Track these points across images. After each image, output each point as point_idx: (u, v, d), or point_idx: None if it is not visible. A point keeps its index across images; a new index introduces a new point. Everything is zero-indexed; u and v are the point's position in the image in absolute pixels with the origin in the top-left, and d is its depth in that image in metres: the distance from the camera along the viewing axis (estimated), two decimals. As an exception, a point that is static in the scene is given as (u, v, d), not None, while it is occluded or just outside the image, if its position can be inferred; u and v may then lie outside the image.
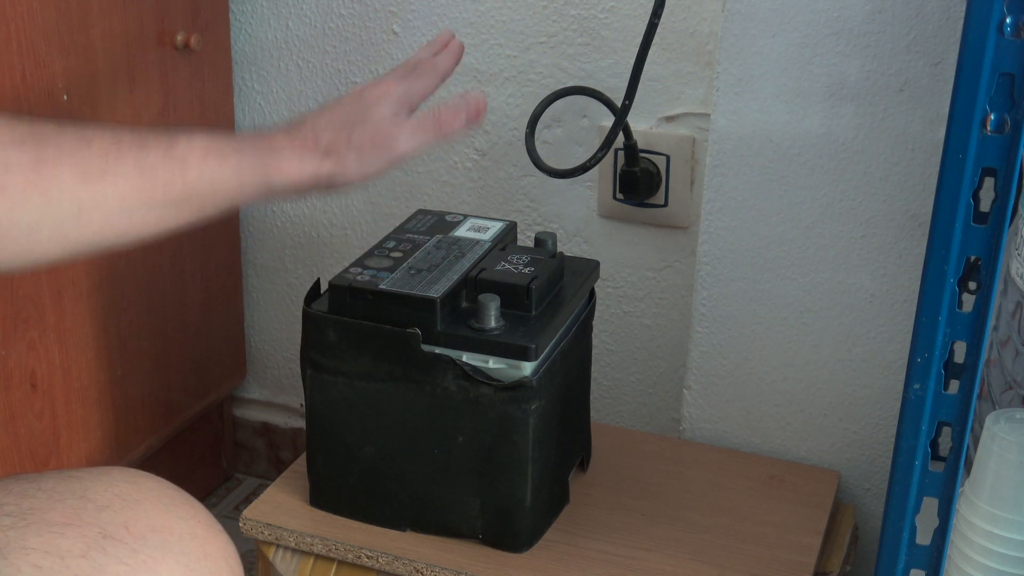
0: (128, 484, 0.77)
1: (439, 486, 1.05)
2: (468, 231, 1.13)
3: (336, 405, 1.05)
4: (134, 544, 0.73)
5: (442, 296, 1.01)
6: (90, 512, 0.73)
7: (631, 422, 1.45)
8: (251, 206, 1.57)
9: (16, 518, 0.71)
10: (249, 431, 1.68)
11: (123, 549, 0.72)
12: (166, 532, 0.75)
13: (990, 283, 0.76)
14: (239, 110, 1.53)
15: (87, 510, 0.73)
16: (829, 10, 1.07)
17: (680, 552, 1.07)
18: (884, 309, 1.15)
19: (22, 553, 0.69)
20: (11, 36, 1.15)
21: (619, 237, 1.39)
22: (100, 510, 0.74)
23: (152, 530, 0.74)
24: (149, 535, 0.74)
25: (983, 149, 0.74)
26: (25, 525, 0.71)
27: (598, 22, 1.33)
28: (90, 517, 0.73)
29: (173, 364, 1.48)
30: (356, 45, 1.45)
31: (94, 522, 0.73)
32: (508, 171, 1.42)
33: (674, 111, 1.32)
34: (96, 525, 0.73)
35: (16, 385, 1.24)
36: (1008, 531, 0.82)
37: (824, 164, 1.12)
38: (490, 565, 1.04)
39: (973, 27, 0.71)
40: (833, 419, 1.21)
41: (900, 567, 0.85)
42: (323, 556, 1.08)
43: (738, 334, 1.21)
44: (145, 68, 1.34)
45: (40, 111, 1.20)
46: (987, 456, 0.83)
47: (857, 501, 1.22)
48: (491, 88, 1.39)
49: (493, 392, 1.00)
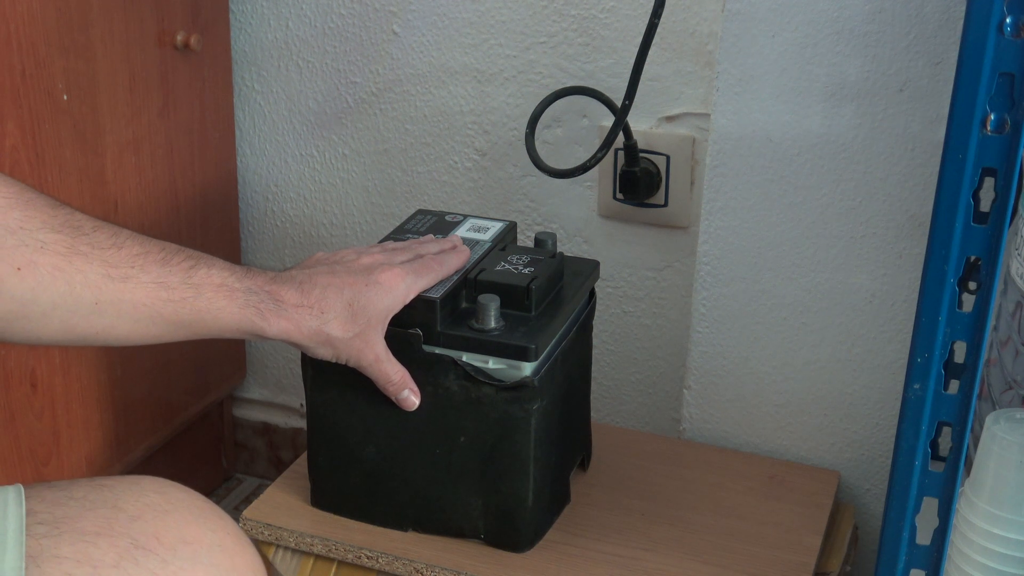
0: (158, 494, 0.77)
1: (440, 486, 1.05)
2: (468, 231, 1.13)
3: (337, 406, 1.05)
4: (165, 555, 0.73)
5: (442, 296, 1.01)
6: (122, 522, 0.73)
7: (631, 422, 1.45)
8: (250, 205, 1.57)
9: (49, 527, 0.71)
10: (249, 431, 1.68)
11: (154, 560, 0.72)
12: (196, 544, 0.75)
13: (990, 283, 0.76)
14: (239, 110, 1.53)
15: (119, 520, 0.73)
16: (829, 10, 1.07)
17: (680, 552, 1.07)
18: (884, 309, 1.15)
19: (55, 562, 0.69)
20: (11, 36, 1.15)
21: (619, 237, 1.39)
22: (132, 520, 0.74)
23: (182, 541, 0.75)
24: (179, 546, 0.74)
25: (983, 149, 0.74)
26: (58, 534, 0.71)
27: (598, 22, 1.33)
28: (121, 527, 0.73)
29: (173, 364, 1.48)
30: (356, 45, 1.45)
31: (125, 532, 0.73)
32: (508, 171, 1.42)
33: (674, 111, 1.32)
34: (128, 535, 0.73)
35: (16, 385, 1.24)
36: (1008, 531, 0.82)
37: (824, 164, 1.12)
38: (491, 565, 1.04)
39: (973, 27, 0.71)
40: (833, 419, 1.21)
41: (900, 567, 0.85)
42: (323, 556, 1.08)
43: (738, 334, 1.21)
44: (145, 68, 1.34)
45: (40, 111, 1.20)
46: (987, 456, 0.83)
47: (857, 501, 1.22)
48: (491, 88, 1.39)
49: (495, 392, 1.00)
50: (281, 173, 1.55)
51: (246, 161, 1.56)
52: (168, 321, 0.89)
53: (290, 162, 1.54)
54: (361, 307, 0.96)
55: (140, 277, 0.86)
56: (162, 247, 0.89)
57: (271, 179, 1.55)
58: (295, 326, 0.94)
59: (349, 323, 0.96)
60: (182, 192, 1.44)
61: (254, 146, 1.55)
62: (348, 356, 0.98)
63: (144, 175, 1.37)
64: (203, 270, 0.90)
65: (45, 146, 1.22)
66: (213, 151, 1.49)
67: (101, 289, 0.84)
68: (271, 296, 0.93)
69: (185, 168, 1.44)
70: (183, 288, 0.89)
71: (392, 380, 1.00)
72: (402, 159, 1.47)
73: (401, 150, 1.47)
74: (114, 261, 0.85)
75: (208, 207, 1.49)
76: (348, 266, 0.99)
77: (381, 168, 1.49)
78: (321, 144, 1.51)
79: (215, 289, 0.90)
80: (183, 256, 0.90)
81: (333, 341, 0.96)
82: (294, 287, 0.95)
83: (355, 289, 0.96)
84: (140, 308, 0.87)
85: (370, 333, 0.97)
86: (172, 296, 0.88)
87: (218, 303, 0.90)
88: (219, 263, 0.92)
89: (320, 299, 0.95)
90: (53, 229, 0.83)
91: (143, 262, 0.87)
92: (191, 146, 1.44)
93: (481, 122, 1.41)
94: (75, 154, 1.26)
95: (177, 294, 0.88)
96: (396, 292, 0.98)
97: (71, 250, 0.83)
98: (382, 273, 0.98)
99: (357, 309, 0.96)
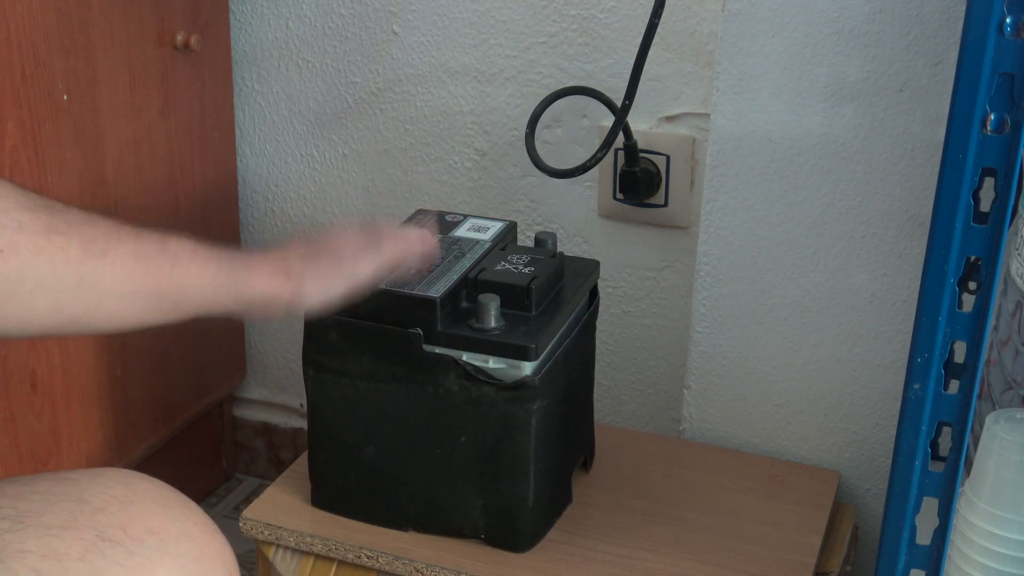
0: (123, 486, 0.77)
1: (441, 486, 1.05)
2: (468, 231, 1.13)
3: (338, 405, 1.05)
4: (131, 546, 0.73)
5: (442, 296, 1.01)
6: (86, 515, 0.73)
7: (631, 422, 1.45)
8: (250, 205, 1.57)
9: (12, 521, 0.71)
10: (249, 431, 1.68)
11: (120, 551, 0.72)
12: (162, 534, 0.75)
13: (990, 283, 0.76)
14: (239, 110, 1.53)
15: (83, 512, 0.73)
16: (829, 10, 1.07)
17: (680, 552, 1.07)
18: (884, 309, 1.15)
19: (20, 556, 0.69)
20: (11, 36, 1.15)
21: (619, 237, 1.39)
22: (96, 512, 0.74)
23: (149, 532, 0.75)
24: (146, 537, 0.74)
25: (983, 149, 0.74)
26: (22, 528, 0.71)
27: (598, 22, 1.33)
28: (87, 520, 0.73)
29: (173, 364, 1.48)
30: (356, 45, 1.45)
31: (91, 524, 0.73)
32: (508, 171, 1.42)
33: (674, 111, 1.32)
34: (93, 528, 0.73)
35: (16, 385, 1.24)
36: (1008, 531, 0.82)
37: (824, 164, 1.12)
38: (491, 565, 1.04)
39: (973, 27, 0.71)
40: (833, 419, 1.21)
41: (900, 567, 0.85)
42: (323, 556, 1.08)
43: (738, 334, 1.21)
44: (145, 68, 1.34)
45: (40, 111, 1.20)
46: (987, 456, 0.83)
47: (857, 501, 1.22)
48: (491, 88, 1.39)
49: (495, 392, 1.00)
50: (281, 173, 1.55)
51: (246, 161, 1.56)
52: (149, 293, 0.89)
53: (290, 162, 1.54)
54: (321, 242, 0.98)
55: (117, 250, 0.87)
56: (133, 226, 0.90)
57: (271, 179, 1.55)
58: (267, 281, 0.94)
59: (313, 258, 0.97)
60: (182, 192, 1.44)
61: (254, 146, 1.55)
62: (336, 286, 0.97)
63: (144, 175, 1.37)
64: (174, 241, 0.91)
65: (45, 146, 1.22)
66: (213, 151, 1.49)
67: (82, 264, 0.85)
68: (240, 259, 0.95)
69: (185, 168, 1.44)
70: (159, 258, 0.90)
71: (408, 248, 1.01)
72: (402, 159, 1.47)
73: (401, 150, 1.47)
74: (90, 236, 0.86)
75: (208, 207, 1.49)
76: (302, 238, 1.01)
77: (381, 168, 1.49)
78: (321, 144, 1.51)
79: (190, 256, 0.91)
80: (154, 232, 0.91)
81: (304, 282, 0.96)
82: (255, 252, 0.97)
83: (311, 240, 0.99)
84: (120, 282, 0.88)
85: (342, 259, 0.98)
86: (150, 268, 0.89)
87: (194, 270, 0.91)
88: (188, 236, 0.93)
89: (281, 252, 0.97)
90: (28, 209, 0.83)
91: (117, 236, 0.88)
92: (191, 146, 1.44)
93: (481, 122, 1.41)
94: (75, 154, 1.26)
95: (154, 264, 0.89)
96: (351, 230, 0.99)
97: (49, 228, 0.83)
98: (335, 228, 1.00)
99: (318, 245, 0.98)
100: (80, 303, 0.86)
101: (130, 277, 0.88)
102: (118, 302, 0.88)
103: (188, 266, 0.91)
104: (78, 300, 0.86)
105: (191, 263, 0.91)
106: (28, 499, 0.73)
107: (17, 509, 0.72)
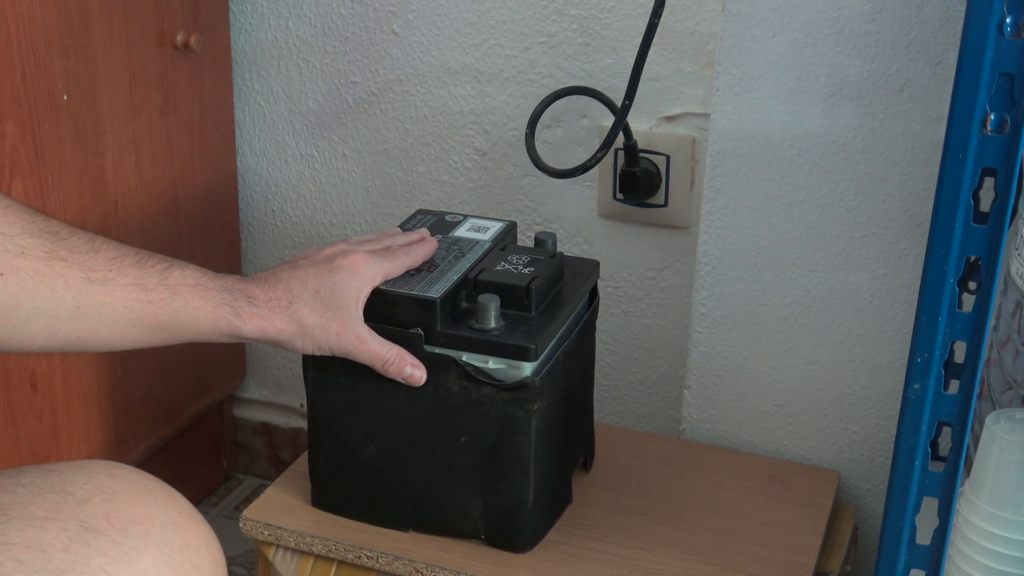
0: (107, 476, 0.77)
1: (441, 486, 1.05)
2: (468, 231, 1.13)
3: (338, 405, 1.05)
4: (116, 536, 0.73)
5: (442, 296, 1.01)
6: (70, 505, 0.74)
7: (631, 422, 1.45)
8: (250, 205, 1.57)
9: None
10: (249, 431, 1.68)
11: (105, 541, 0.72)
12: (147, 523, 0.75)
13: (990, 283, 0.76)
14: (239, 110, 1.53)
15: (67, 504, 0.74)
16: (829, 10, 1.07)
17: (680, 552, 1.07)
18: (884, 309, 1.15)
19: (4, 548, 0.69)
20: (11, 36, 1.15)
21: (619, 237, 1.39)
22: (80, 503, 0.74)
23: (133, 521, 0.75)
24: (130, 526, 0.74)
25: (983, 149, 0.74)
26: (6, 520, 0.71)
27: (598, 22, 1.33)
28: (70, 511, 0.73)
29: (173, 364, 1.48)
30: (356, 45, 1.45)
31: (75, 515, 0.73)
32: (508, 171, 1.42)
33: (674, 111, 1.32)
34: (77, 518, 0.73)
35: (16, 385, 1.24)
36: (1008, 531, 0.82)
37: (824, 164, 1.12)
38: (492, 565, 1.04)
39: (973, 27, 0.72)
40: (833, 419, 1.21)
41: (900, 567, 0.85)
42: (323, 556, 1.08)
43: (738, 334, 1.21)
44: (145, 68, 1.34)
45: (40, 111, 1.20)
46: (987, 456, 0.83)
47: (857, 501, 1.22)
48: (491, 88, 1.39)
49: (495, 392, 1.00)
50: (281, 173, 1.55)
51: (246, 161, 1.56)
52: (147, 323, 0.91)
53: (290, 162, 1.54)
54: (329, 292, 0.97)
55: (118, 280, 0.88)
56: (136, 251, 0.91)
57: (271, 179, 1.55)
58: (267, 321, 0.96)
59: (319, 309, 0.97)
60: (182, 192, 1.44)
61: (254, 146, 1.55)
62: (330, 344, 0.99)
63: (144, 175, 1.37)
64: (177, 271, 0.92)
65: (45, 146, 1.22)
66: (213, 151, 1.49)
67: (82, 292, 0.86)
68: (243, 294, 0.95)
69: (185, 168, 1.44)
70: (160, 289, 0.91)
71: (386, 358, 1.00)
72: (402, 159, 1.47)
73: (401, 150, 1.47)
74: (92, 265, 0.87)
75: (208, 207, 1.49)
76: (311, 259, 1.01)
77: (381, 168, 1.49)
78: (321, 144, 1.51)
79: (191, 289, 0.92)
80: (157, 259, 0.92)
81: (308, 330, 0.97)
82: (260, 284, 0.97)
83: (319, 277, 0.98)
84: (120, 310, 0.89)
85: (344, 317, 0.98)
86: (150, 297, 0.90)
87: (194, 303, 0.92)
88: (192, 266, 0.94)
89: (286, 290, 0.97)
90: (32, 234, 0.84)
91: (120, 265, 0.89)
92: (191, 146, 1.44)
93: (481, 122, 1.41)
94: (75, 154, 1.26)
95: (155, 295, 0.90)
96: (362, 274, 0.99)
97: (51, 255, 0.85)
98: (345, 259, 0.99)
99: (325, 294, 0.97)
100: (76, 329, 0.88)
101: (129, 307, 0.89)
102: (115, 329, 0.90)
103: (188, 299, 0.92)
104: (74, 326, 0.87)
105: (191, 296, 0.92)
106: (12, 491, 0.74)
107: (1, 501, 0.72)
